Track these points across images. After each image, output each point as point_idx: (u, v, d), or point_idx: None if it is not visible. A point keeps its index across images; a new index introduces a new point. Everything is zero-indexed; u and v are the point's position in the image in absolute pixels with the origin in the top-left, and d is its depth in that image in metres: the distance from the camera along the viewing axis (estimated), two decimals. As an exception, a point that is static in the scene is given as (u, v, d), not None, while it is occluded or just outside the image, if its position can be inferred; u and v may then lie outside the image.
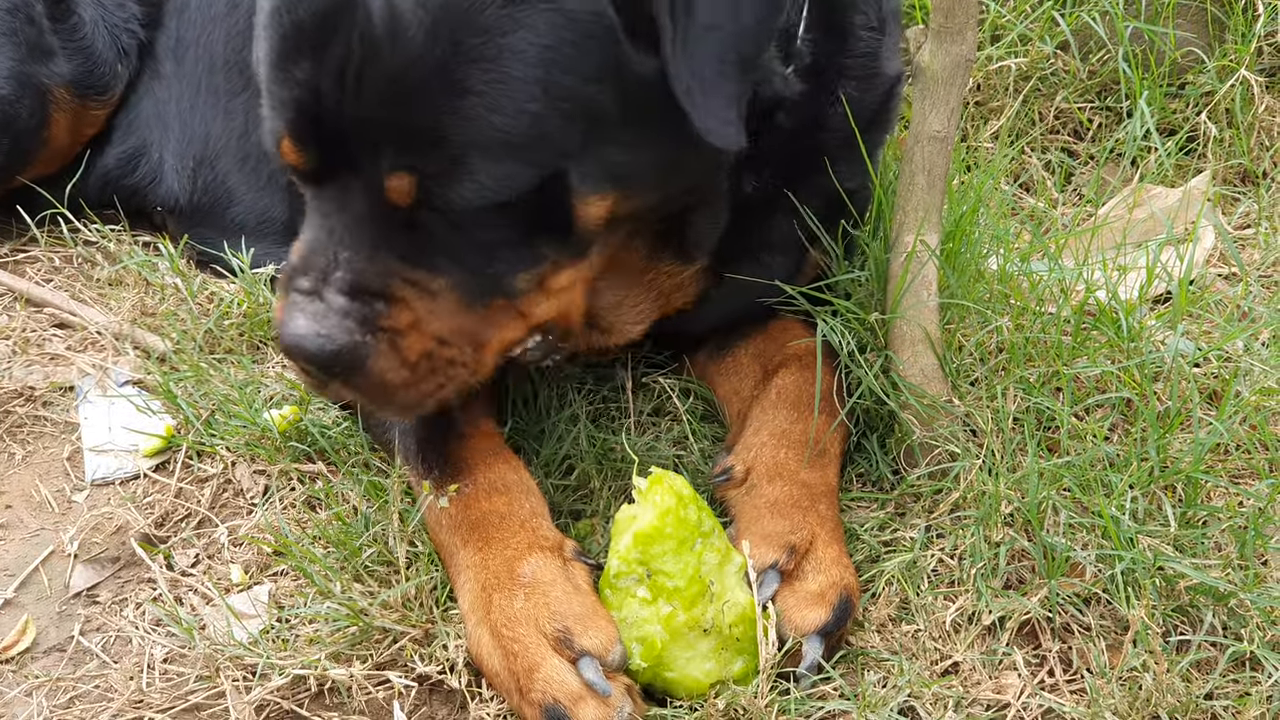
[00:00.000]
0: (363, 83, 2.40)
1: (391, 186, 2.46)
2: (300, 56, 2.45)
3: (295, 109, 2.48)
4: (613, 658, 2.45)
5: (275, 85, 2.51)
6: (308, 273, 2.52)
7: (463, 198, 2.47)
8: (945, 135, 2.82)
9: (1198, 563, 2.64)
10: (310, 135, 2.49)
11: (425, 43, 2.38)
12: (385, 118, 2.42)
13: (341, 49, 2.40)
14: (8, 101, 3.91)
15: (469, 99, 2.41)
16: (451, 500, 2.70)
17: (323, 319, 2.49)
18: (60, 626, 2.81)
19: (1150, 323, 3.16)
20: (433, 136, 2.43)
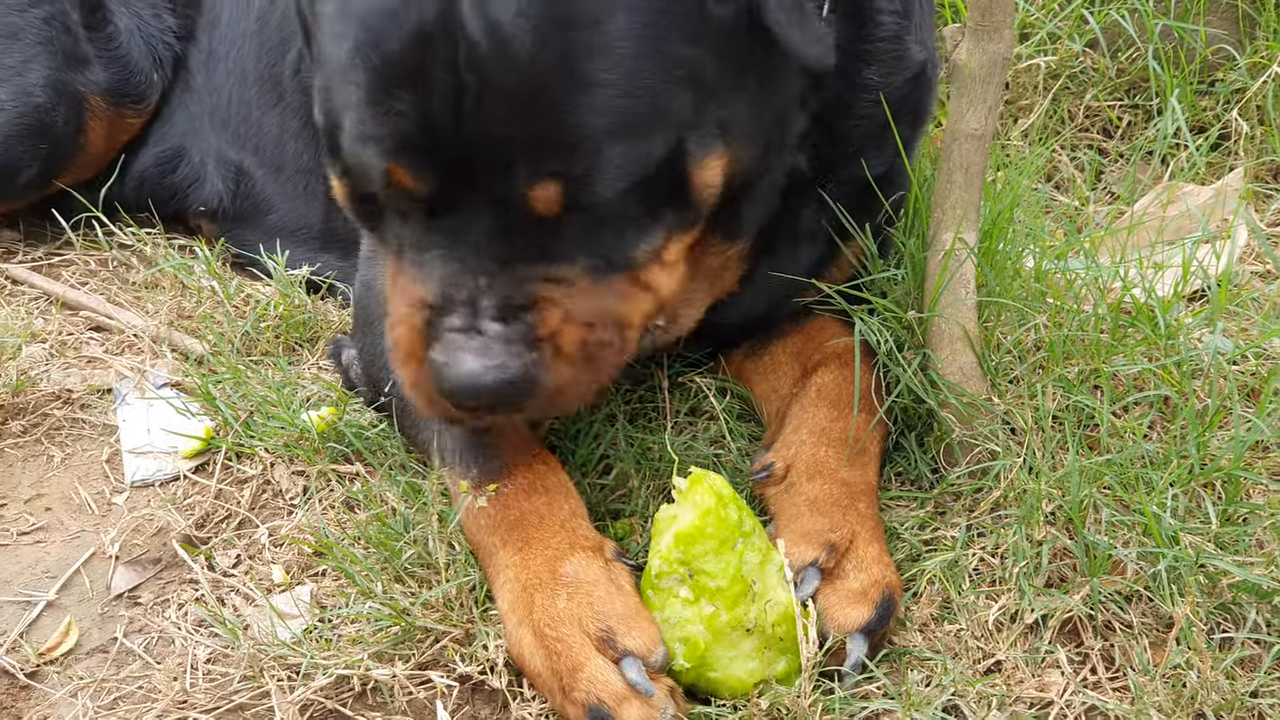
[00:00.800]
0: (483, 103, 2.36)
1: (536, 197, 2.42)
2: (398, 90, 2.40)
3: (401, 140, 2.42)
4: (656, 658, 2.45)
5: (372, 122, 2.43)
6: (451, 309, 2.47)
7: (603, 190, 2.45)
8: (983, 133, 2.81)
9: (1240, 560, 2.64)
10: (425, 163, 2.43)
11: (537, 49, 2.37)
12: (515, 133, 2.39)
13: (445, 74, 2.36)
14: (44, 109, 3.94)
15: (594, 91, 2.40)
16: (490, 500, 2.71)
17: (489, 351, 2.44)
18: (103, 628, 2.82)
19: (1187, 320, 3.16)
20: (569, 138, 2.41)
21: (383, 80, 2.41)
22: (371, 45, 2.41)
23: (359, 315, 3.25)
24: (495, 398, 2.46)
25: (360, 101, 2.43)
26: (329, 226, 3.88)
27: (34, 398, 3.38)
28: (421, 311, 2.50)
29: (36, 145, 3.97)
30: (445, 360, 2.45)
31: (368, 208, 2.61)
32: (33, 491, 3.15)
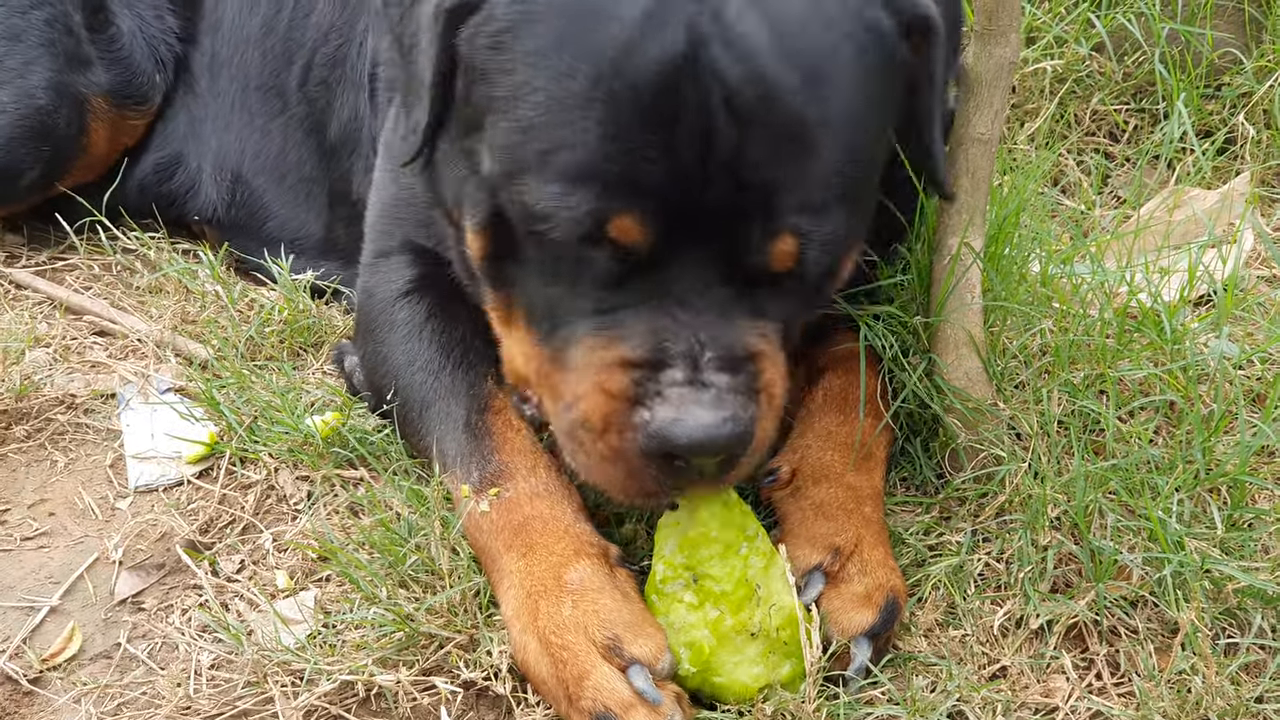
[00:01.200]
0: (741, 150, 2.35)
1: (777, 251, 2.43)
2: (645, 130, 2.35)
3: (648, 186, 2.37)
4: (662, 666, 2.43)
5: (615, 162, 2.37)
6: (670, 363, 2.42)
7: (827, 254, 2.49)
8: (989, 138, 2.81)
9: (1245, 565, 2.64)
10: (659, 212, 2.38)
11: (800, 98, 2.39)
12: (767, 182, 2.39)
13: (696, 116, 2.34)
14: (45, 111, 3.95)
15: (840, 151, 2.45)
16: (492, 505, 2.70)
17: (720, 404, 2.40)
18: (106, 633, 2.81)
19: (1193, 325, 3.15)
20: (817, 194, 2.43)
21: (628, 119, 2.36)
22: (614, 78, 2.36)
23: (361, 322, 3.25)
24: (728, 450, 2.43)
25: (596, 140, 2.37)
26: (329, 236, 3.88)
27: (37, 403, 3.38)
28: (622, 372, 2.46)
29: (39, 147, 3.97)
30: (675, 416, 2.38)
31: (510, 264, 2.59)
32: (36, 496, 3.15)
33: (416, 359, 3.02)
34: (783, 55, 2.38)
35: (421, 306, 3.10)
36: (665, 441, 2.39)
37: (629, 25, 2.37)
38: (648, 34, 2.35)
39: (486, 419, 2.84)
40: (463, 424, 2.86)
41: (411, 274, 3.17)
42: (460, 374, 2.95)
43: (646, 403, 2.41)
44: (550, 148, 2.41)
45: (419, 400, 2.98)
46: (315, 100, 3.87)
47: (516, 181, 2.46)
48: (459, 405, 2.90)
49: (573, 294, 2.51)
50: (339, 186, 3.82)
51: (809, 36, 2.43)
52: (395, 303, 3.13)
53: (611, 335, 2.47)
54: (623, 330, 2.46)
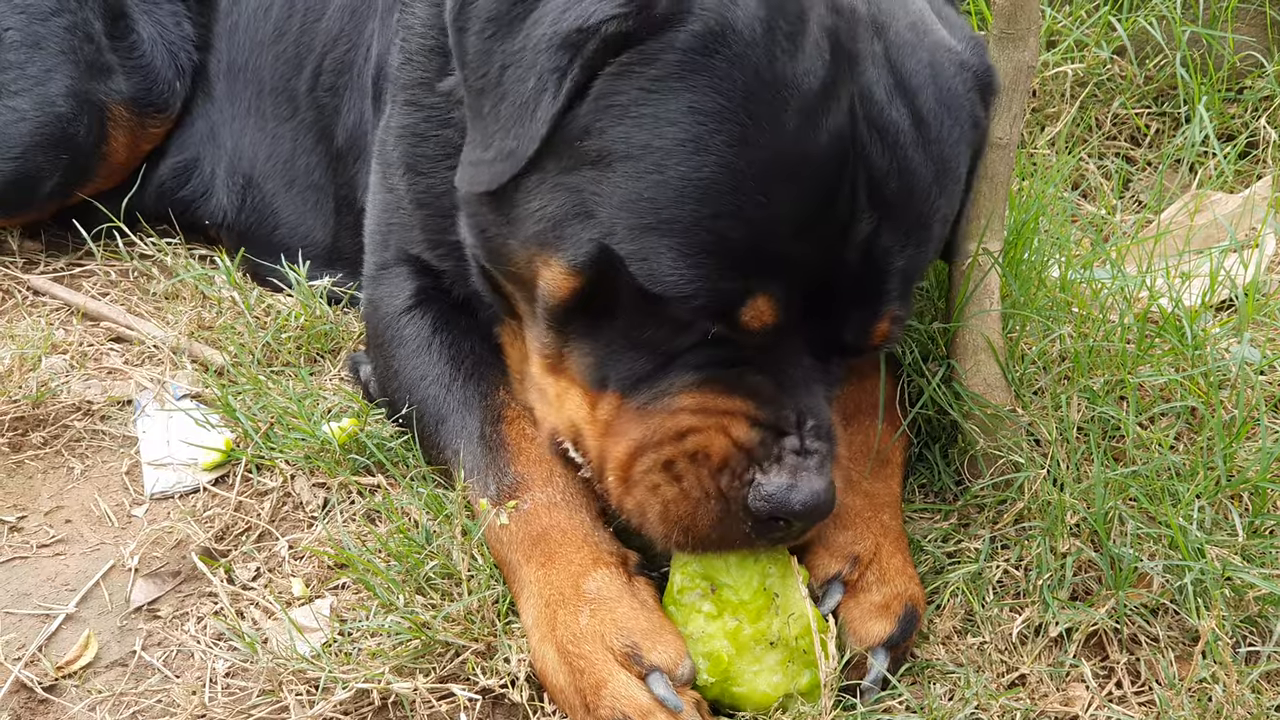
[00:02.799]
0: (877, 237, 2.40)
1: (878, 332, 2.50)
2: (811, 211, 2.36)
3: (794, 268, 2.39)
4: (682, 672, 2.42)
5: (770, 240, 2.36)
6: (785, 432, 2.46)
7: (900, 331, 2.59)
8: (1008, 142, 2.80)
9: (1267, 572, 2.61)
10: (798, 294, 2.41)
11: (935, 192, 2.46)
12: (890, 270, 2.45)
13: (849, 201, 2.36)
14: (65, 119, 3.95)
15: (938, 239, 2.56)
16: (511, 516, 2.69)
17: (823, 473, 2.46)
18: (122, 641, 2.80)
19: (1214, 330, 3.13)
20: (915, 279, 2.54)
21: (802, 195, 2.36)
22: (796, 152, 2.35)
23: (370, 336, 3.26)
24: (826, 515, 2.50)
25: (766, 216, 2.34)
26: (336, 244, 3.88)
27: (54, 409, 3.37)
28: (749, 425, 2.47)
29: (58, 155, 3.97)
30: (792, 483, 2.43)
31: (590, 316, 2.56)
32: (53, 504, 3.15)
33: (428, 374, 3.02)
34: (922, 147, 2.43)
35: (427, 321, 3.10)
36: (780, 506, 2.43)
37: (809, 98, 2.36)
38: (825, 110, 2.35)
39: (501, 430, 2.84)
40: (478, 436, 2.86)
41: (412, 287, 3.17)
42: (472, 386, 2.95)
43: (765, 464, 2.45)
44: (712, 213, 2.36)
45: (434, 415, 2.98)
46: (324, 105, 3.86)
47: (650, 238, 2.41)
48: (473, 418, 2.89)
49: (668, 354, 2.51)
50: (345, 193, 3.81)
51: (941, 132, 2.48)
52: (400, 318, 3.13)
53: (727, 389, 2.49)
54: (740, 386, 2.49)
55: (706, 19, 2.38)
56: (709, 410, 2.47)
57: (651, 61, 2.41)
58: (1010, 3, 2.72)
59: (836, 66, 2.37)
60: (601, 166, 2.46)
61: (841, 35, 2.41)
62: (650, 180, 2.40)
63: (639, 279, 2.42)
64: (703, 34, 2.38)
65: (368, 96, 3.67)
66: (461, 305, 3.09)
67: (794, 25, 2.39)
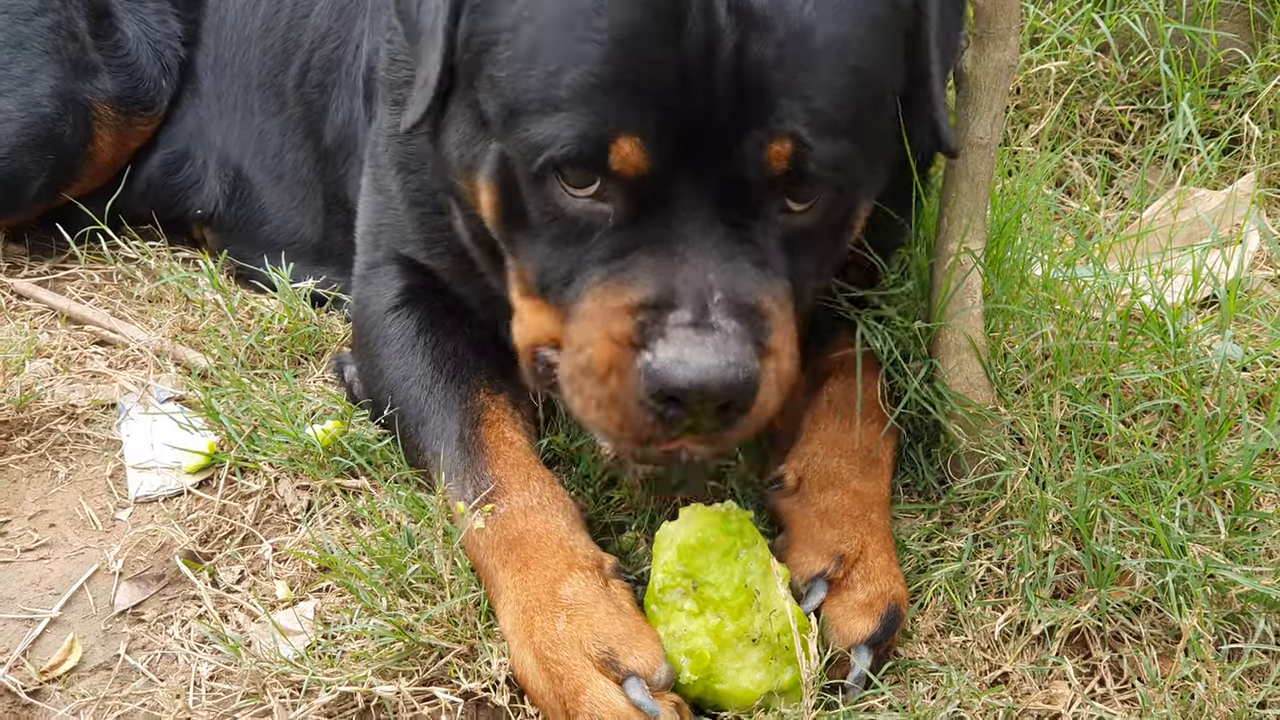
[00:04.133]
0: (744, 51, 2.33)
1: (773, 154, 2.37)
2: (656, 36, 2.34)
3: (655, 98, 2.35)
4: (659, 676, 2.42)
5: (622, 75, 2.35)
6: (675, 305, 2.36)
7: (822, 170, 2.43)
8: (988, 142, 2.80)
9: (1249, 570, 2.62)
10: (665, 129, 2.36)
11: (813, 9, 2.38)
12: (768, 84, 2.36)
13: (703, 20, 2.32)
14: (51, 119, 3.94)
15: (839, 64, 2.43)
16: (488, 520, 2.69)
17: (726, 348, 2.33)
18: (106, 645, 2.80)
19: (1197, 327, 3.13)
20: (812, 99, 2.39)
21: (639, 27, 2.34)
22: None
23: (356, 335, 3.26)
24: (729, 396, 2.34)
25: (607, 56, 2.35)
26: (325, 241, 3.88)
27: (39, 413, 3.37)
28: (628, 316, 2.40)
29: (44, 155, 3.96)
30: (676, 356, 2.31)
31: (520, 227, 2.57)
32: (37, 507, 3.14)
33: (410, 374, 3.02)
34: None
35: (412, 320, 3.10)
36: (664, 382, 2.33)
37: None
38: None
39: (480, 433, 2.84)
40: (457, 439, 2.86)
41: (401, 286, 3.17)
42: (453, 388, 2.95)
43: (650, 345, 2.36)
44: (554, 70, 2.39)
45: (415, 416, 2.98)
46: (312, 102, 3.86)
47: (520, 119, 2.45)
48: (453, 420, 2.90)
49: (579, 247, 2.49)
50: (334, 190, 3.82)
51: None
52: (386, 316, 3.13)
53: (620, 280, 2.43)
54: (630, 275, 2.43)
55: None
56: (602, 311, 2.43)
57: None
58: (991, 2, 2.72)
59: None
60: (480, 66, 2.53)
61: None
62: (504, 62, 2.47)
63: (520, 168, 2.47)
64: None
65: (358, 95, 3.67)
66: (451, 305, 3.09)
67: None
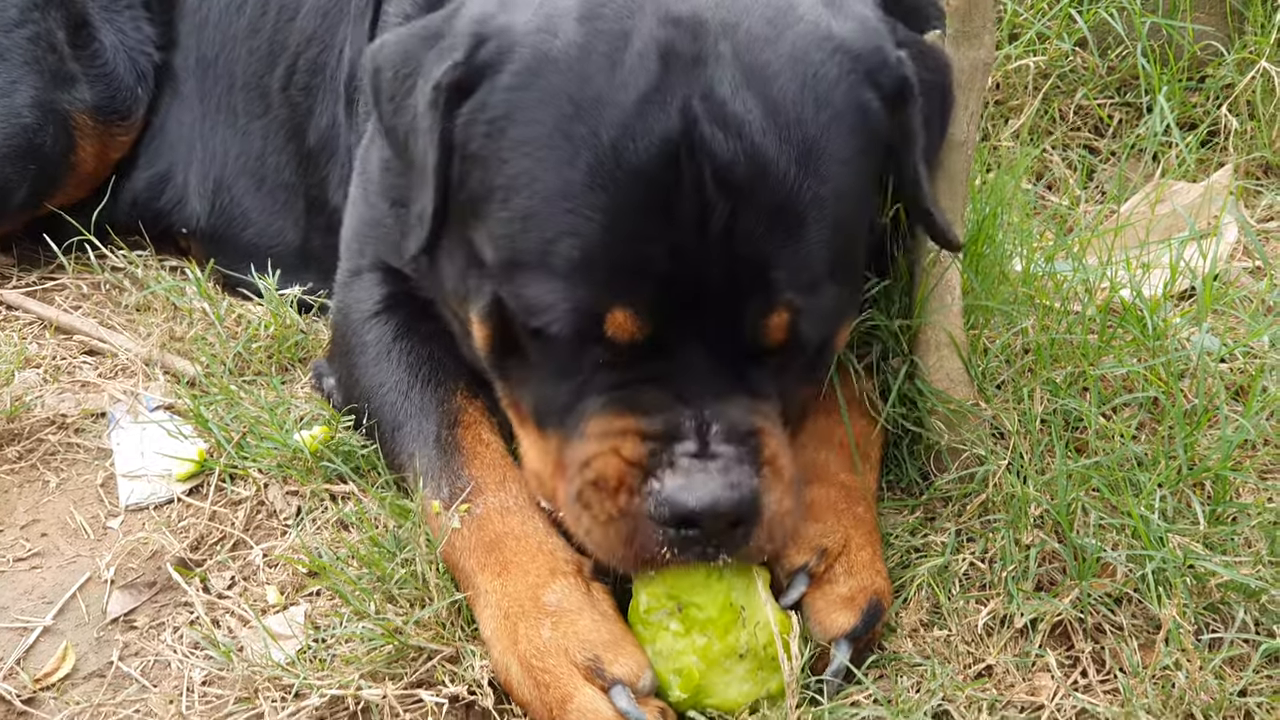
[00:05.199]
0: (735, 223, 2.39)
1: (772, 326, 2.46)
2: (646, 213, 2.39)
3: (647, 274, 2.41)
4: (643, 684, 2.44)
5: (614, 251, 2.42)
6: (677, 439, 2.46)
7: (819, 329, 2.55)
8: (966, 140, 2.82)
9: (1228, 560, 2.64)
10: (659, 301, 2.43)
11: (794, 173, 2.42)
12: (761, 257, 2.42)
13: (694, 197, 2.37)
14: (31, 130, 3.96)
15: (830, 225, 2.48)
16: (464, 521, 2.70)
17: (726, 473, 2.44)
18: (99, 652, 2.82)
19: (1175, 320, 3.16)
20: (809, 269, 2.47)
21: (629, 205, 2.39)
22: (614, 165, 2.39)
23: (335, 342, 3.28)
24: (735, 515, 2.45)
25: (598, 231, 2.41)
26: (306, 246, 3.90)
27: (29, 423, 3.39)
28: (637, 439, 2.49)
29: (26, 166, 3.99)
30: (683, 484, 2.43)
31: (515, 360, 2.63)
32: (28, 517, 3.16)
33: (386, 381, 3.04)
34: (775, 133, 2.41)
35: (389, 327, 3.12)
36: (676, 509, 2.43)
37: (626, 111, 2.40)
38: (644, 118, 2.39)
39: (456, 434, 2.86)
40: (433, 440, 2.88)
41: (381, 293, 3.18)
42: (429, 391, 2.97)
43: (658, 472, 2.45)
44: (550, 237, 2.44)
45: (391, 421, 3.00)
46: (297, 105, 3.88)
47: (516, 275, 2.51)
48: (429, 422, 2.91)
49: (579, 383, 2.55)
50: (315, 194, 3.83)
51: (801, 116, 2.46)
52: (365, 323, 3.15)
53: (624, 408, 2.51)
54: (635, 404, 2.50)
55: (524, 56, 2.51)
56: (606, 434, 2.51)
57: (484, 106, 2.55)
58: (965, 1, 2.75)
59: (666, 74, 2.41)
60: (476, 214, 2.59)
61: (677, 44, 2.45)
62: (502, 218, 2.52)
63: (517, 317, 2.54)
64: (521, 71, 2.51)
65: (340, 100, 3.69)
66: (431, 310, 3.09)
67: (614, 44, 2.46)
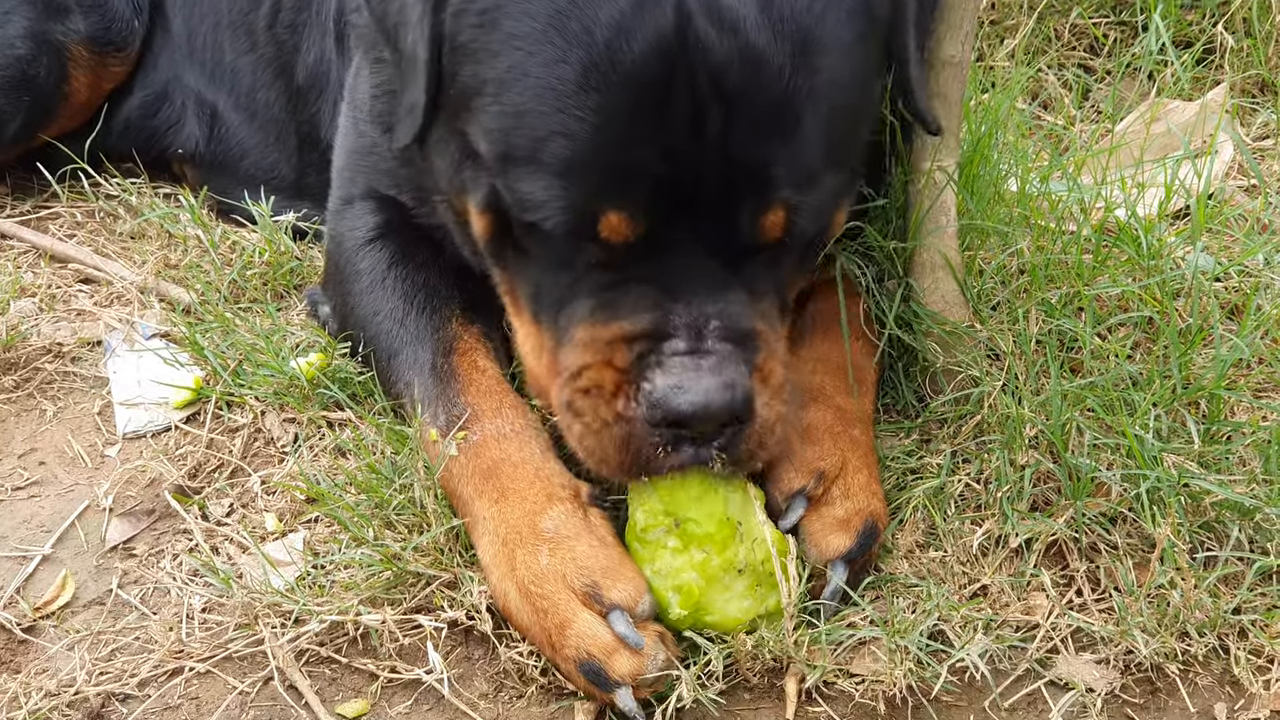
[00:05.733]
0: (730, 124, 2.36)
1: (768, 225, 2.44)
2: (640, 115, 2.36)
3: (640, 176, 2.39)
4: (642, 609, 2.45)
5: (606, 154, 2.40)
6: (673, 334, 2.45)
7: (816, 221, 2.52)
8: (960, 60, 2.81)
9: (1222, 479, 2.65)
10: (653, 203, 2.41)
11: (787, 70, 2.38)
12: (757, 158, 2.40)
13: (687, 97, 2.34)
14: (25, 60, 3.95)
15: (826, 119, 2.44)
16: (460, 449, 2.70)
17: (722, 370, 2.43)
18: (99, 580, 2.83)
19: (1170, 239, 3.15)
20: (806, 165, 2.44)
21: (622, 107, 2.37)
22: (607, 64, 2.36)
23: (329, 270, 3.27)
24: (728, 415, 2.45)
25: (590, 133, 2.39)
26: (301, 180, 3.89)
27: (25, 352, 3.40)
28: (624, 346, 2.49)
29: (20, 97, 3.97)
30: (676, 383, 2.43)
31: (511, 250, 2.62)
32: (26, 446, 3.17)
33: (380, 308, 3.04)
34: (768, 28, 2.37)
35: (384, 254, 3.11)
36: (668, 409, 2.43)
37: (620, 7, 2.36)
38: (638, 15, 2.35)
39: (452, 361, 2.86)
40: (429, 368, 2.88)
41: (375, 221, 3.17)
42: (425, 319, 2.97)
43: (649, 374, 2.45)
44: (543, 136, 2.42)
45: (387, 349, 3.00)
46: (283, 42, 3.86)
47: (510, 169, 2.49)
48: (425, 350, 2.91)
49: (572, 279, 2.55)
50: (307, 130, 3.83)
51: (795, 6, 2.41)
52: (359, 251, 3.14)
53: (612, 313, 2.50)
54: (623, 308, 2.50)
55: None
56: (595, 341, 2.51)
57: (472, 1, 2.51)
58: (958, -80, 2.73)
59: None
60: (468, 108, 2.56)
61: None
62: (493, 112, 2.50)
63: (512, 210, 2.51)
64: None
65: (329, 35, 3.68)
66: (424, 237, 3.10)
67: None
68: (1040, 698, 2.51)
